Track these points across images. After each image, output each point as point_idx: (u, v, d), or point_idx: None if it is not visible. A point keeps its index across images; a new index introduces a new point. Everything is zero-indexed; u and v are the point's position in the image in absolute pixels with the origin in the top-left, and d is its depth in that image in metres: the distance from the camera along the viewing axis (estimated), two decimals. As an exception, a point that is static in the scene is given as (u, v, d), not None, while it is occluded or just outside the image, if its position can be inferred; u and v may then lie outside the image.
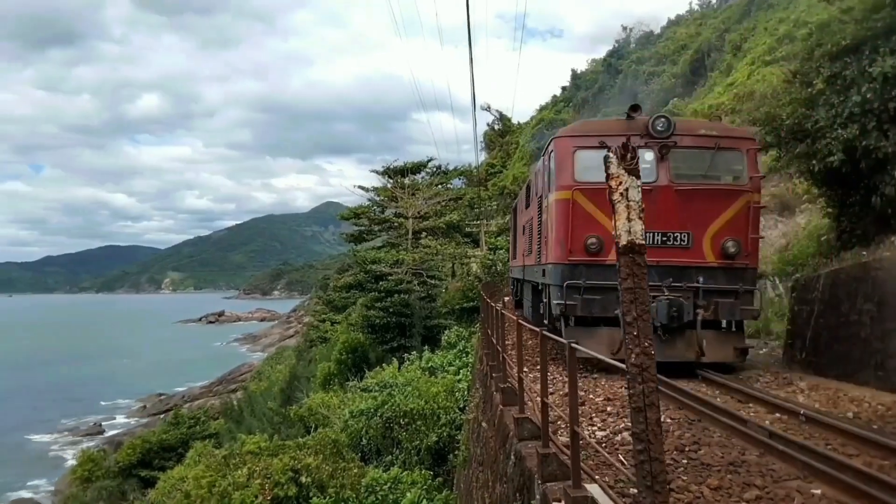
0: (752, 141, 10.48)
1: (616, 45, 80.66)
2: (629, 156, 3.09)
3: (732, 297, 9.76)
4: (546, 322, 11.24)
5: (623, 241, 3.06)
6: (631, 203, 3.04)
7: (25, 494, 41.28)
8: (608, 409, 7.03)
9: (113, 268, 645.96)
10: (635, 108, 10.71)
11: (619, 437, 5.91)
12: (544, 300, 11.65)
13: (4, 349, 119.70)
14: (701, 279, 9.78)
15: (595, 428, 6.25)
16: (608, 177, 3.09)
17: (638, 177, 3.07)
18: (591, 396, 7.71)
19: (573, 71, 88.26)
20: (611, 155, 3.13)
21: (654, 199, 9.47)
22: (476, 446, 10.05)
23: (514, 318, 8.38)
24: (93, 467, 36.94)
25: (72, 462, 42.55)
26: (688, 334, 9.52)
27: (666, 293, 9.50)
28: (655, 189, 9.71)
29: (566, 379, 8.76)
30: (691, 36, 63.04)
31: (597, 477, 4.65)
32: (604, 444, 5.64)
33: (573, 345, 4.26)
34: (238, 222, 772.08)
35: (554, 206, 10.63)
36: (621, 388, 8.22)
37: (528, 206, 15.54)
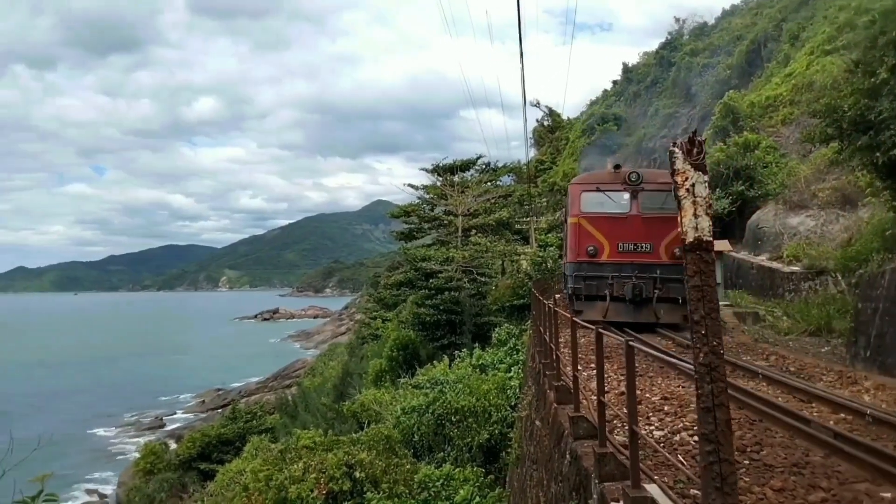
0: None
1: (669, 37, 78.98)
2: (695, 150, 2.99)
3: (679, 283, 14.42)
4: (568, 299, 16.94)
5: (690, 238, 2.96)
6: (698, 199, 2.93)
7: (91, 486, 42.88)
8: (665, 408, 6.87)
9: (172, 266, 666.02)
10: (617, 166, 16.82)
11: (677, 438, 5.79)
12: (568, 285, 17.25)
13: (71, 345, 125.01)
14: (658, 272, 14.98)
15: (652, 427, 6.12)
16: (674, 172, 2.98)
17: (705, 172, 2.96)
18: (647, 395, 7.57)
19: (624, 64, 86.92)
20: (676, 150, 3.01)
21: (629, 223, 15.48)
22: (529, 444, 10.00)
23: (568, 315, 8.30)
24: (154, 460, 38.11)
25: (134, 455, 43.94)
26: (650, 305, 14.85)
27: (634, 280, 14.93)
28: (630, 216, 15.55)
29: (621, 378, 8.65)
30: (747, 26, 61.28)
31: (655, 477, 4.56)
32: (662, 445, 5.53)
33: (630, 342, 4.16)
34: (291, 221, 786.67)
35: (569, 227, 16.74)
36: (678, 387, 8.07)
37: (562, 223, 21.44)
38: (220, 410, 58.01)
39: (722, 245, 25.07)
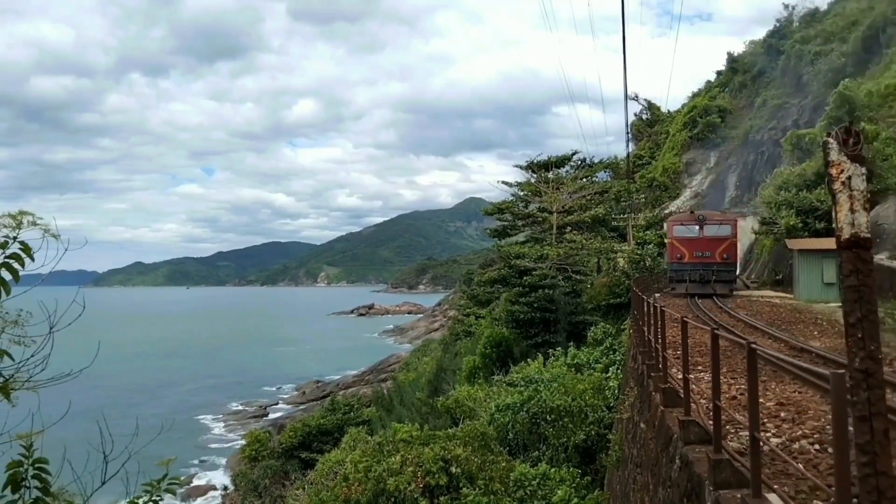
0: (734, 219, 31.11)
1: (777, 24, 74.91)
2: (852, 140, 2.78)
3: (726, 272, 28.15)
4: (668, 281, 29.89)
5: (845, 235, 2.75)
6: (854, 192, 2.73)
7: (200, 471, 45.32)
8: (781, 414, 6.50)
9: (275, 262, 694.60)
10: (692, 211, 33.21)
11: (796, 446, 5.46)
12: (668, 275, 30.26)
13: (184, 337, 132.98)
14: (714, 267, 27.60)
15: (769, 435, 5.80)
16: (828, 164, 2.79)
17: (863, 163, 2.75)
18: (761, 401, 7.19)
19: (729, 54, 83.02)
20: (831, 141, 2.81)
21: (698, 241, 28.54)
22: (632, 447, 9.74)
23: (679, 315, 8.02)
24: (259, 447, 39.74)
25: (240, 442, 46.06)
26: (710, 284, 26.86)
27: (701, 271, 27.47)
28: (699, 238, 28.57)
29: (731, 381, 8.28)
30: (863, 11, 57.09)
31: (775, 486, 4.32)
32: (780, 450, 5.23)
33: (752, 345, 3.97)
34: (385, 219, 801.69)
35: (668, 244, 30.74)
36: (794, 392, 7.63)
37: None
38: (318, 402, 59.93)
39: (831, 243, 23.60)
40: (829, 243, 23.44)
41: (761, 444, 3.98)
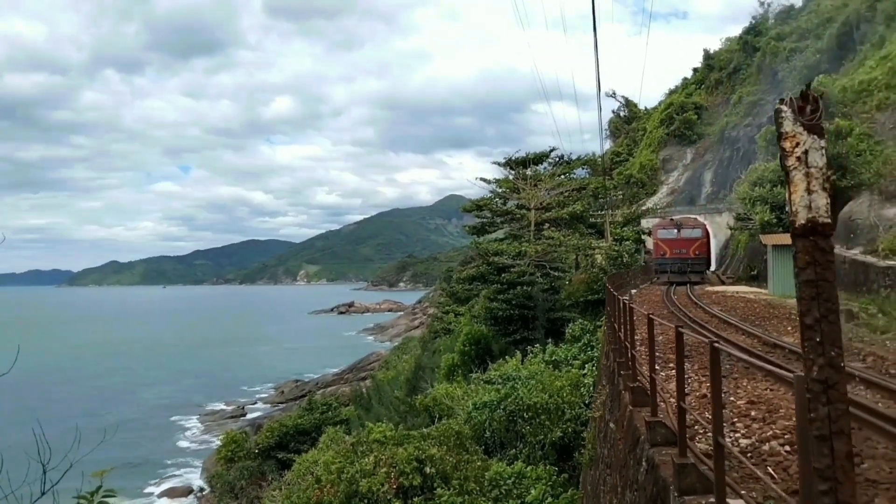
0: (704, 224, 45.51)
1: (753, 21, 75.33)
2: (809, 108, 2.38)
3: (698, 265, 38.58)
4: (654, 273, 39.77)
5: (801, 220, 2.40)
6: (812, 170, 2.36)
7: (176, 472, 44.65)
8: (752, 413, 6.32)
9: (253, 261, 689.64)
10: (672, 219, 43.44)
11: (766, 447, 5.30)
12: (654, 268, 40.43)
13: (159, 336, 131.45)
14: (690, 261, 37.84)
15: (738, 435, 5.63)
16: (780, 136, 2.37)
17: (821, 135, 2.36)
18: (731, 399, 7.06)
19: (705, 51, 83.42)
20: (784, 108, 2.40)
21: (677, 241, 39.07)
22: (603, 447, 9.60)
23: (644, 312, 7.88)
24: (235, 448, 39.15)
25: (217, 442, 45.47)
26: (686, 274, 36.14)
27: (679, 264, 37.33)
28: (677, 238, 39.20)
29: (702, 378, 8.16)
30: (838, 7, 57.61)
31: (742, 492, 4.17)
32: (749, 455, 5.07)
33: (715, 343, 3.81)
34: (365, 216, 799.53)
35: (654, 244, 41.50)
36: (766, 389, 7.51)
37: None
38: (297, 401, 59.41)
39: None
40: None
41: (725, 448, 3.80)
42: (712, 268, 49.27)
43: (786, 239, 27.11)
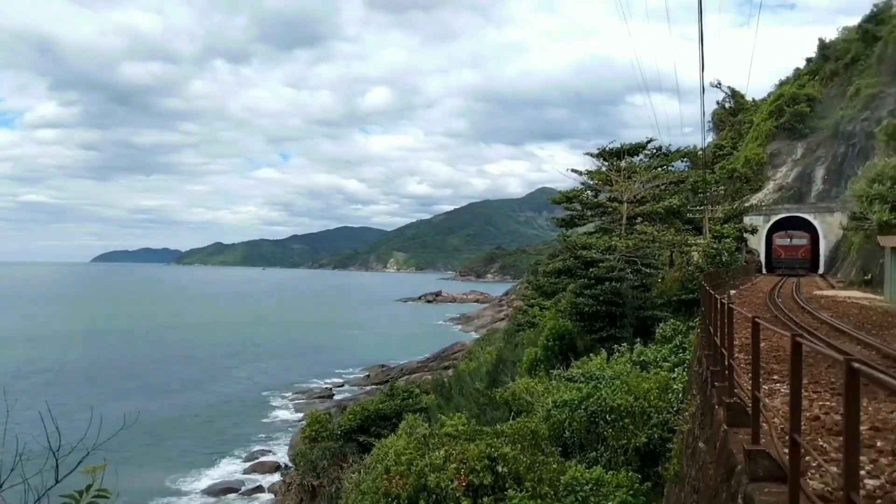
0: (808, 235, 55.99)
1: (874, 8, 69.42)
2: None
3: (806, 264, 53.56)
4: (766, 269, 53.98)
5: None
6: None
7: (264, 447, 46.21)
8: (878, 443, 5.10)
9: (346, 247, 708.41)
10: (787, 231, 56.51)
11: (900, 490, 4.22)
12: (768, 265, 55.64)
13: (260, 314, 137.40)
14: (799, 261, 53.33)
15: (863, 472, 4.27)
16: None
17: None
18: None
19: (821, 41, 77.65)
20: None
21: (789, 246, 54.51)
22: (691, 466, 8.56)
23: (747, 314, 6.83)
24: (319, 428, 39.81)
25: (304, 422, 46.64)
26: (795, 270, 49.98)
27: (789, 262, 53.17)
28: (789, 244, 54.62)
29: (812, 395, 7.02)
30: (978, -11, 52.15)
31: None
32: (878, 501, 4.04)
33: (852, 363, 2.92)
34: (455, 207, 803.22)
35: (773, 248, 56.30)
36: (892, 412, 6.32)
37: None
38: (382, 385, 60.15)
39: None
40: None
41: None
42: (820, 270, 54.59)
43: (909, 241, 24.59)
